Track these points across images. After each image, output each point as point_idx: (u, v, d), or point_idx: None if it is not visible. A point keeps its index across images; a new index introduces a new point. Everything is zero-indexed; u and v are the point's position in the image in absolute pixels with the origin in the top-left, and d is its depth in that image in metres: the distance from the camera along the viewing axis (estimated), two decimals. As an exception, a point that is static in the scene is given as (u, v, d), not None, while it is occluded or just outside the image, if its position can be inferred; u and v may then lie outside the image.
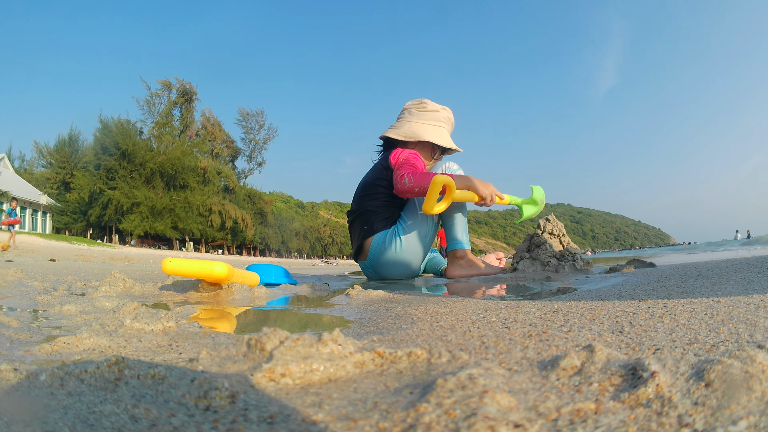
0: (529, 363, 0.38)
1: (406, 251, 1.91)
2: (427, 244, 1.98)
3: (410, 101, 2.12)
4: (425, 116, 2.04)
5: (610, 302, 0.76)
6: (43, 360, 0.43)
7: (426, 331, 0.59)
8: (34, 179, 29.39)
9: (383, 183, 1.99)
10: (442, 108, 2.08)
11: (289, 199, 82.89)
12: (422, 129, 2.01)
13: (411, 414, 0.25)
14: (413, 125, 2.02)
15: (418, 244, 1.93)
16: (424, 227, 1.93)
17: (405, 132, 2.01)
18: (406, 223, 1.92)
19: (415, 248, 1.93)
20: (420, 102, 2.08)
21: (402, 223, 1.93)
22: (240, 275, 1.25)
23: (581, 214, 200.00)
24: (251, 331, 0.64)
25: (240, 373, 0.33)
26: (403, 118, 2.08)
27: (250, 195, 41.32)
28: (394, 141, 2.07)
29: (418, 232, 1.91)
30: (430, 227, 1.95)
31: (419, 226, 1.91)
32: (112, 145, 29.73)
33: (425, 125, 2.03)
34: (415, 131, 2.01)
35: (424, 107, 2.05)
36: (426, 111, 2.05)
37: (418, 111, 2.05)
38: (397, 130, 2.04)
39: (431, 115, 2.05)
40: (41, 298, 0.99)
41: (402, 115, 2.11)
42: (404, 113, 2.10)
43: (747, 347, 0.34)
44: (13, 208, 9.50)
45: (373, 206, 1.98)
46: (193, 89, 38.46)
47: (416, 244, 1.92)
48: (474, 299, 0.99)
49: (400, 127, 2.04)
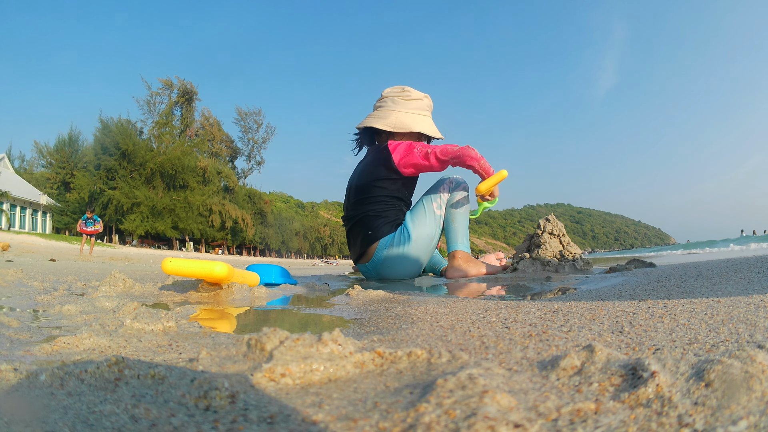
0: (529, 363, 0.38)
1: (412, 254, 1.91)
2: (432, 248, 1.98)
3: (390, 88, 2.04)
4: (410, 105, 1.99)
5: (610, 302, 0.76)
6: (43, 360, 0.43)
7: (426, 331, 0.59)
8: (34, 179, 29.39)
9: (383, 184, 1.95)
10: (425, 96, 2.05)
11: (289, 199, 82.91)
12: (411, 119, 1.97)
13: (411, 414, 0.25)
14: (401, 115, 1.97)
15: (425, 246, 1.93)
16: (431, 229, 1.93)
17: (393, 122, 1.96)
18: (413, 226, 1.91)
19: (421, 251, 1.93)
20: (402, 89, 2.01)
21: (409, 226, 1.92)
22: (240, 275, 1.25)
23: (581, 214, 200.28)
24: (251, 331, 0.64)
25: (240, 373, 0.33)
26: (386, 107, 2.01)
27: (250, 195, 41.31)
28: (379, 131, 2.02)
29: (425, 234, 1.92)
30: (437, 230, 1.96)
31: (427, 228, 1.92)
32: (112, 145, 29.73)
33: (413, 115, 1.99)
34: (403, 122, 1.96)
35: (408, 95, 1.99)
36: (411, 99, 1.99)
37: (403, 100, 1.99)
38: (383, 120, 1.97)
39: (416, 103, 2.00)
40: (41, 298, 0.99)
41: (384, 104, 2.02)
42: (386, 101, 2.02)
43: (747, 347, 0.34)
44: (89, 217, 9.28)
45: (374, 211, 1.95)
46: (194, 89, 38.49)
47: (423, 247, 1.92)
48: (474, 299, 0.99)
49: (385, 117, 1.98)
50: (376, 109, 2.07)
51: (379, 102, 2.07)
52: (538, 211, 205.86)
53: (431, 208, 1.94)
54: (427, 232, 1.92)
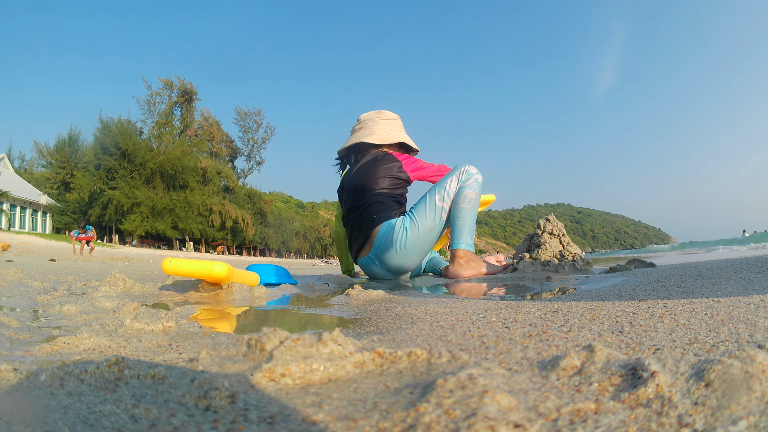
0: (529, 363, 0.38)
1: (413, 242, 1.96)
2: (433, 240, 2.01)
3: (367, 113, 2.36)
4: (390, 123, 2.32)
5: (610, 302, 0.76)
6: (43, 360, 0.43)
7: (426, 331, 0.59)
8: (34, 179, 29.39)
9: (388, 183, 2.07)
10: (397, 116, 2.38)
11: (289, 199, 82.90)
12: (395, 133, 2.28)
13: (411, 414, 0.25)
14: (386, 130, 2.27)
15: (425, 237, 1.98)
16: (431, 221, 1.97)
17: (380, 137, 2.23)
18: (415, 215, 1.99)
19: (421, 241, 1.97)
20: (379, 112, 2.36)
21: (411, 216, 2.00)
22: (240, 275, 1.25)
23: (581, 214, 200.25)
24: (251, 331, 0.64)
25: (240, 373, 0.33)
26: (368, 126, 2.29)
27: (250, 195, 41.31)
28: (368, 146, 2.28)
29: (425, 225, 1.97)
30: (437, 223, 1.98)
31: (427, 220, 1.97)
32: (112, 145, 29.72)
33: (394, 130, 2.30)
34: (389, 135, 2.25)
35: (384, 116, 2.34)
36: (389, 119, 2.33)
37: (381, 119, 2.31)
38: (370, 135, 2.25)
39: (393, 123, 2.33)
40: (41, 298, 0.99)
41: (365, 125, 2.31)
42: (367, 122, 2.32)
43: (747, 347, 0.34)
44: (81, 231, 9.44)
45: (380, 199, 2.06)
46: (194, 89, 38.49)
47: (423, 237, 1.97)
48: (474, 299, 0.99)
49: (371, 133, 2.26)
50: (356, 131, 2.33)
51: (359, 125, 2.36)
52: (538, 211, 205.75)
53: (433, 200, 1.98)
54: (427, 223, 1.97)
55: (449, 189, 1.97)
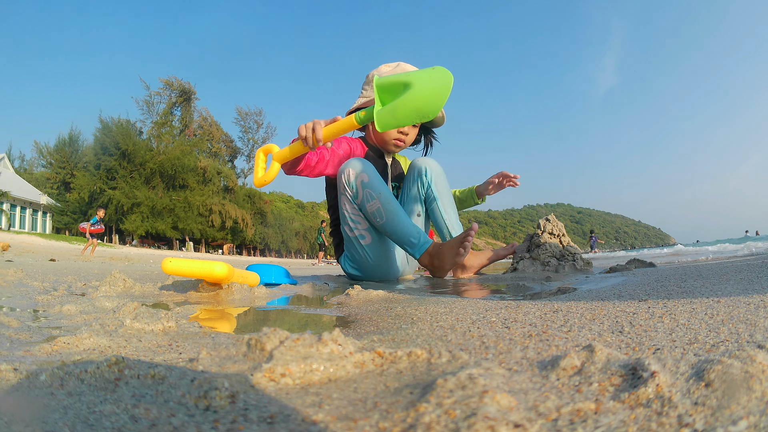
0: (529, 363, 0.38)
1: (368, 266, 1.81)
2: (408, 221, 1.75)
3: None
4: None
5: (610, 302, 0.76)
6: (43, 360, 0.43)
7: (426, 331, 0.59)
8: (34, 179, 29.39)
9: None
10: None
11: (289, 199, 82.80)
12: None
13: (411, 414, 0.25)
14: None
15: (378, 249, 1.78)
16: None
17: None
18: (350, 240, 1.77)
19: (378, 256, 1.78)
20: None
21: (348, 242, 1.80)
22: (240, 275, 1.25)
23: (581, 214, 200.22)
24: (251, 331, 0.64)
25: (240, 373, 0.33)
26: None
27: (250, 195, 41.27)
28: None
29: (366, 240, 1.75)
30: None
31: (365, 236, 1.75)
32: (112, 145, 29.72)
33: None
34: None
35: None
36: None
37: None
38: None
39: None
40: (41, 298, 0.99)
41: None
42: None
43: (747, 347, 0.34)
44: (100, 218, 9.48)
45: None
46: (192, 89, 38.48)
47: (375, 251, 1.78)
48: (474, 299, 0.99)
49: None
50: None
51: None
52: (538, 211, 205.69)
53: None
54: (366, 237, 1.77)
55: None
